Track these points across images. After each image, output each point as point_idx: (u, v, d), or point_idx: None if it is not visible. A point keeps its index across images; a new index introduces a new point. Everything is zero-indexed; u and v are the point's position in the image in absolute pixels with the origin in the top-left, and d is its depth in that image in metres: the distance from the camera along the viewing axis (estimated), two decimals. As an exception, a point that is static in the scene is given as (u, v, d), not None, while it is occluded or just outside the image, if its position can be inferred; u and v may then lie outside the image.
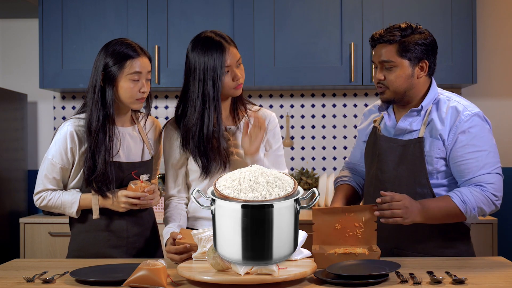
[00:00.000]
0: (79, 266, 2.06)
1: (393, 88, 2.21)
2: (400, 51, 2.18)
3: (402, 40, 2.18)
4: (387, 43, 2.19)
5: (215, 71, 2.21)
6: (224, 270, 1.82)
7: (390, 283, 1.80)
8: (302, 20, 3.74)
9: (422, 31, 2.21)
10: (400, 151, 2.24)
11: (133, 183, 2.27)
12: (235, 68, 2.25)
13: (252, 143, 2.26)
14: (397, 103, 2.27)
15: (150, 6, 3.78)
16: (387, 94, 2.23)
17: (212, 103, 2.23)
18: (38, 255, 3.55)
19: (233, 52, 2.25)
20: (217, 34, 2.27)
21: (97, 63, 2.27)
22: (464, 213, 2.14)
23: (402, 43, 2.18)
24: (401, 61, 2.18)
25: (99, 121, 2.24)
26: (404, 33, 2.18)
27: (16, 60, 4.22)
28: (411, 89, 2.22)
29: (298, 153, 4.13)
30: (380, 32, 2.22)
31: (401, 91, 2.21)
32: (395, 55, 2.18)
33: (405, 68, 2.19)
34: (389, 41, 2.18)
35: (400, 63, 2.18)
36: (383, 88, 2.23)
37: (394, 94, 2.22)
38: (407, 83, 2.20)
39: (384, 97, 2.25)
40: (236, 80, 2.25)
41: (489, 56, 4.05)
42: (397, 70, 2.19)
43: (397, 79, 2.19)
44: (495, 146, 2.20)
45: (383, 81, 2.22)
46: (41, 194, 2.31)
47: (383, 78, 2.21)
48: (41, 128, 4.22)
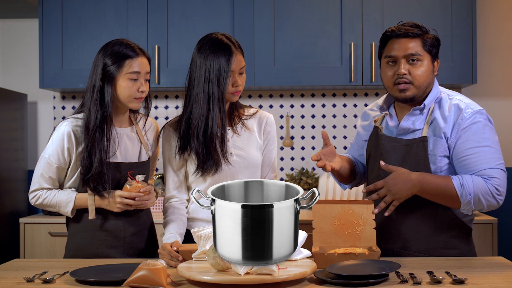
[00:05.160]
0: (79, 266, 2.06)
1: (418, 83, 2.18)
2: (423, 46, 2.19)
3: (423, 35, 2.19)
4: (411, 37, 2.18)
5: (221, 73, 2.22)
6: (224, 270, 1.82)
7: (390, 283, 1.80)
8: (302, 20, 3.74)
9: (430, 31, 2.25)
10: (404, 150, 2.24)
11: (129, 183, 2.28)
12: (237, 74, 2.26)
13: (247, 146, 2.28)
14: (415, 102, 2.23)
15: (150, 6, 3.78)
16: (411, 91, 2.19)
17: (217, 103, 2.24)
18: (38, 255, 3.55)
19: (239, 58, 2.26)
20: (227, 37, 2.28)
21: (96, 63, 2.27)
22: (459, 196, 2.12)
23: (424, 38, 2.19)
24: (426, 55, 2.19)
25: (97, 120, 2.24)
26: (424, 29, 2.20)
27: (16, 60, 4.22)
28: (430, 86, 2.22)
29: (298, 153, 4.13)
30: (400, 27, 2.20)
31: (424, 86, 2.20)
32: (422, 49, 2.18)
33: (429, 63, 2.20)
34: (415, 34, 2.18)
35: (426, 57, 2.19)
36: (407, 85, 2.18)
37: (417, 90, 2.19)
38: (430, 79, 2.21)
39: (406, 95, 2.19)
40: (235, 86, 2.26)
41: (489, 56, 4.05)
42: (423, 65, 2.19)
43: (423, 74, 2.18)
44: (497, 143, 2.19)
45: (407, 76, 2.18)
46: (36, 192, 2.31)
47: (407, 73, 2.18)
48: (41, 128, 4.22)
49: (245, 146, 2.34)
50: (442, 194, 2.14)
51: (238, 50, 2.26)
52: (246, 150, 2.34)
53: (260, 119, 2.40)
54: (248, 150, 2.34)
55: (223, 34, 2.29)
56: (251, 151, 2.35)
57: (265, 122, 2.40)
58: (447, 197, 2.15)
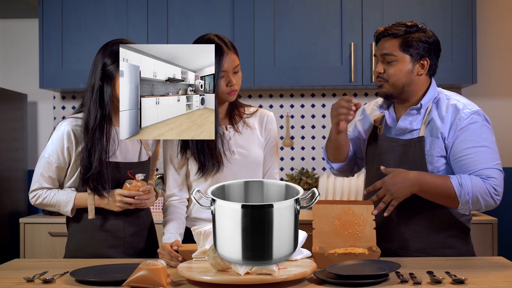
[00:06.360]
0: (79, 266, 2.06)
1: (392, 81, 2.22)
2: (402, 46, 2.20)
3: (406, 36, 2.21)
4: (391, 37, 2.22)
5: None
6: (224, 270, 1.82)
7: (390, 283, 1.80)
8: (302, 20, 3.75)
9: (427, 30, 2.24)
10: (401, 150, 2.25)
11: (129, 182, 2.29)
12: (231, 74, 2.25)
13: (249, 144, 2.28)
14: (395, 99, 2.28)
15: (150, 6, 3.78)
16: (385, 88, 2.25)
17: None
18: (38, 255, 3.55)
19: (231, 57, 2.25)
20: (219, 37, 2.27)
21: (95, 63, 2.28)
22: (458, 196, 2.13)
23: (406, 38, 2.20)
24: (402, 55, 2.21)
25: (96, 119, 2.25)
26: (409, 30, 2.21)
27: (16, 60, 4.22)
28: (410, 85, 2.23)
29: (298, 153, 4.13)
30: (385, 26, 2.25)
31: (399, 85, 2.22)
32: (397, 49, 2.21)
33: (406, 63, 2.21)
34: (393, 35, 2.21)
35: (402, 57, 2.21)
36: (382, 82, 2.25)
37: (392, 88, 2.23)
38: (406, 78, 2.22)
39: (382, 91, 2.26)
40: (230, 86, 2.25)
41: (489, 56, 4.05)
42: (397, 64, 2.21)
43: (397, 73, 2.21)
44: (495, 143, 2.20)
45: (382, 75, 2.24)
46: (36, 192, 2.32)
47: (382, 71, 2.24)
48: (41, 128, 4.22)
49: (247, 144, 2.35)
50: (441, 193, 2.15)
51: (230, 49, 2.25)
52: (248, 148, 2.34)
53: (261, 117, 2.41)
54: (250, 148, 2.35)
55: (216, 35, 2.28)
56: (253, 149, 2.35)
57: (266, 119, 2.41)
58: (445, 196, 2.15)
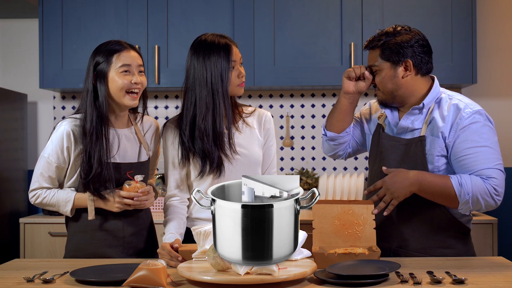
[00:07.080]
0: (79, 266, 2.07)
1: (381, 89, 2.29)
2: (382, 55, 2.25)
3: (384, 44, 2.25)
4: (372, 49, 2.29)
5: (223, 68, 2.25)
6: (224, 270, 1.82)
7: (390, 283, 1.81)
8: (302, 20, 3.75)
9: (407, 32, 2.25)
10: (402, 150, 2.25)
11: (128, 183, 2.28)
12: (239, 65, 2.31)
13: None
14: (391, 105, 2.32)
15: (150, 6, 3.78)
16: (379, 96, 2.33)
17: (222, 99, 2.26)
18: (38, 255, 3.55)
19: (236, 50, 2.31)
20: (219, 35, 2.31)
21: (89, 67, 2.31)
22: (458, 195, 2.13)
23: (384, 47, 2.25)
24: (382, 64, 2.26)
25: (93, 121, 2.25)
26: (387, 38, 2.25)
27: (16, 60, 4.22)
28: (398, 89, 2.26)
29: (298, 153, 4.13)
30: (368, 39, 2.32)
31: (388, 92, 2.28)
32: (378, 59, 2.27)
33: (387, 70, 2.26)
34: (373, 47, 2.28)
35: (382, 65, 2.26)
36: (376, 90, 2.33)
37: (384, 95, 2.30)
38: (391, 84, 2.26)
39: (378, 99, 2.35)
40: (241, 77, 2.30)
41: (489, 56, 4.05)
42: (381, 73, 2.27)
43: (382, 81, 2.27)
44: (497, 144, 2.20)
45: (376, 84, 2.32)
46: (36, 191, 2.32)
47: (374, 82, 2.31)
48: (41, 128, 4.22)
49: (247, 143, 2.35)
50: (441, 193, 2.15)
51: (233, 42, 2.32)
52: (249, 147, 2.35)
53: (259, 117, 2.42)
54: (251, 147, 2.35)
55: (213, 34, 2.32)
56: (254, 148, 2.36)
57: (264, 119, 2.42)
58: (445, 196, 2.15)
